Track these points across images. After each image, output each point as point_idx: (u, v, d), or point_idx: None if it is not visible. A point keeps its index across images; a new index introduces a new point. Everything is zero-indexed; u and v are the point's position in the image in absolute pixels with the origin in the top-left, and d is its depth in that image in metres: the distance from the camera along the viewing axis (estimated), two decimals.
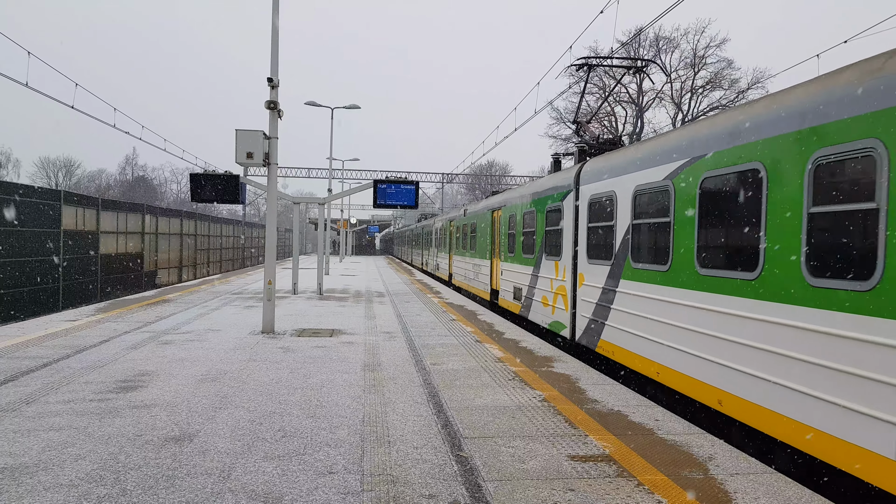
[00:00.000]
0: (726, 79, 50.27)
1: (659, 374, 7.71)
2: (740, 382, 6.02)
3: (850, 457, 4.71)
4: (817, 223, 5.25)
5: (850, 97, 5.03)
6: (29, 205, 17.91)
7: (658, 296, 7.82)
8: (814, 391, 5.10)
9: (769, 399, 5.61)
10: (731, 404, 6.14)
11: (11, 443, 5.19)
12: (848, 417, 4.75)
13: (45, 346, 9.64)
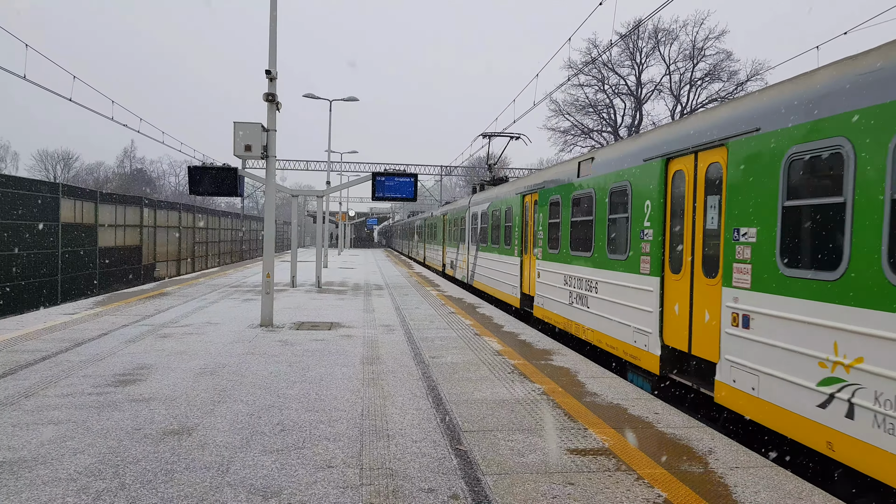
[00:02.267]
0: (725, 70, 50.14)
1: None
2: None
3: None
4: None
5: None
6: (27, 198, 17.86)
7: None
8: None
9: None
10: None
11: (10, 437, 5.18)
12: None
13: (44, 339, 9.62)
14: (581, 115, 57.60)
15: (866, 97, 4.83)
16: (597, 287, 9.57)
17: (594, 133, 58.00)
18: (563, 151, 60.16)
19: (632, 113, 55.73)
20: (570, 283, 10.69)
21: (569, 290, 10.74)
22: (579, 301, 10.26)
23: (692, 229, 7.17)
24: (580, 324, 10.24)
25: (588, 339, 9.95)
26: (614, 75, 54.83)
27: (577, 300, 10.39)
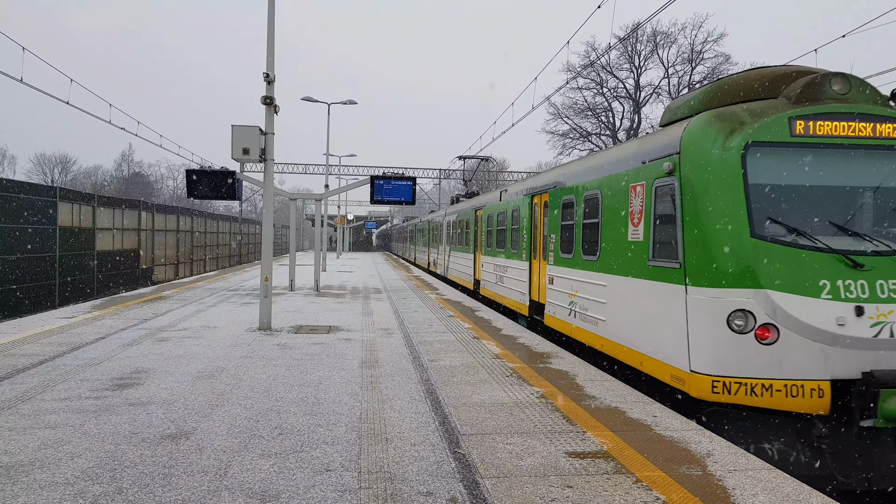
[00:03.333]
0: (724, 74, 50.23)
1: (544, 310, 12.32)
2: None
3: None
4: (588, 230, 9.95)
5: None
6: (25, 202, 17.84)
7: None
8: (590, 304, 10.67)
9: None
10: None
11: (7, 441, 5.17)
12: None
13: (41, 343, 9.60)
14: (580, 118, 57.68)
15: (581, 179, 10.29)
16: (506, 270, 15.28)
17: (593, 136, 58.10)
18: (561, 155, 60.20)
19: (630, 116, 55.83)
20: (497, 269, 16.42)
21: (496, 275, 16.48)
22: (499, 280, 16.10)
23: (537, 234, 12.73)
24: (497, 293, 16.32)
25: (499, 302, 16.16)
26: (613, 78, 54.94)
27: (498, 280, 16.21)
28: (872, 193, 6.77)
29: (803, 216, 6.55)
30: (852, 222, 6.64)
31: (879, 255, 6.36)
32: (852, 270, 6.28)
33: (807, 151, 6.69)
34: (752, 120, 6.74)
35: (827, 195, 6.72)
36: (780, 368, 6.19)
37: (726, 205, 6.56)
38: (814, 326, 6.13)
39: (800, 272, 6.29)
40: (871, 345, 6.11)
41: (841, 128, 6.69)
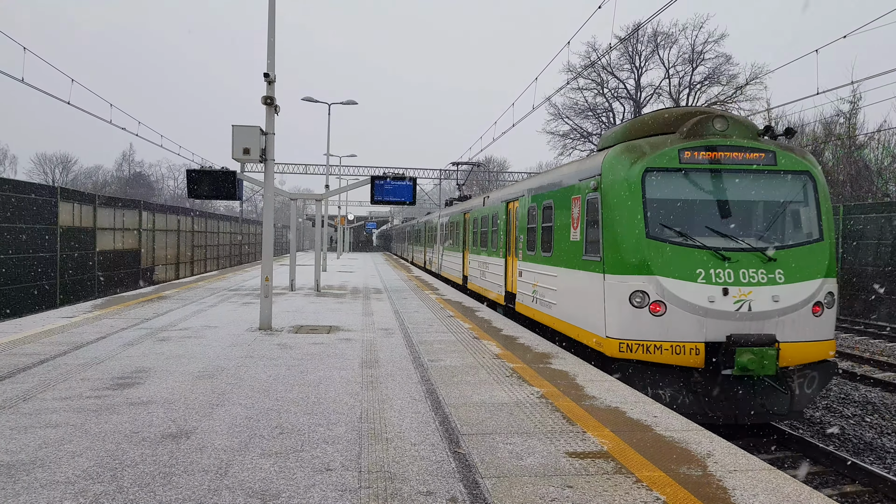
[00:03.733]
0: (724, 74, 50.25)
1: (511, 298, 14.76)
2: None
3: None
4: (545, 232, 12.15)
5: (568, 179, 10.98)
6: (26, 201, 17.85)
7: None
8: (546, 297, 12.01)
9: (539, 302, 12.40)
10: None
11: (8, 440, 5.18)
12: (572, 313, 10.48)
13: (42, 342, 9.61)
14: (580, 118, 57.67)
15: (541, 191, 12.46)
16: (488, 266, 17.44)
17: (593, 137, 58.10)
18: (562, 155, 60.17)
19: (631, 116, 55.82)
20: (481, 266, 18.51)
21: (480, 270, 18.58)
22: (482, 275, 18.17)
23: (511, 235, 14.82)
24: (481, 286, 18.38)
25: (483, 294, 18.16)
26: (613, 79, 54.94)
27: (482, 275, 18.31)
28: (739, 205, 8.92)
29: (686, 222, 8.67)
30: (723, 227, 8.67)
31: (742, 251, 8.44)
32: (721, 262, 8.35)
33: (691, 174, 8.83)
34: (651, 151, 8.88)
35: (705, 206, 8.84)
36: (668, 333, 8.30)
37: (630, 214, 8.69)
38: (692, 303, 8.25)
39: (682, 263, 8.38)
40: (733, 316, 8.20)
41: (718, 156, 8.84)
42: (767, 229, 8.89)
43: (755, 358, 7.97)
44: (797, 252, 8.65)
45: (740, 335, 8.13)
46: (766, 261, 8.43)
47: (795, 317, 8.34)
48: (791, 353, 8.27)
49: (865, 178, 32.63)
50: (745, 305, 8.22)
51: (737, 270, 8.33)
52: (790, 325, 8.32)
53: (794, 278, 8.44)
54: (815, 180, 9.05)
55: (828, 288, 8.62)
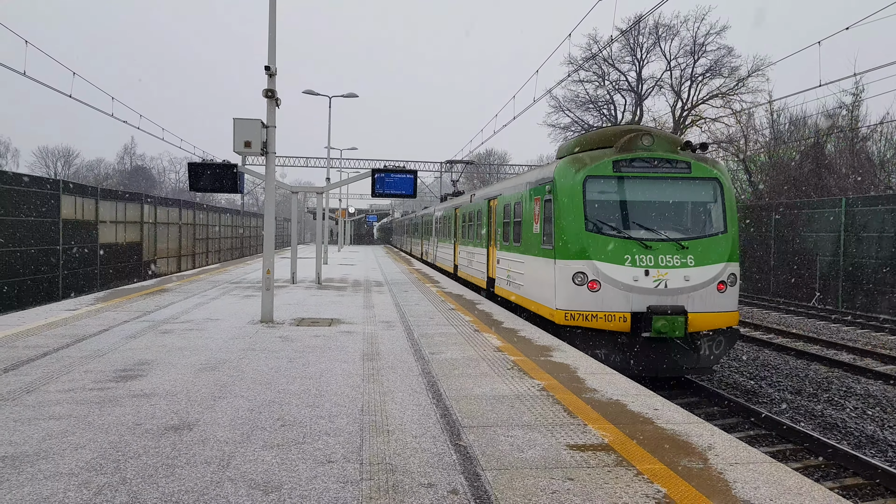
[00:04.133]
0: (726, 66, 50.03)
1: (492, 283, 16.85)
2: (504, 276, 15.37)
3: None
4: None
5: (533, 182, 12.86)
6: (28, 194, 17.86)
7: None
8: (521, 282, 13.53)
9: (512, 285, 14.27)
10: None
11: (12, 432, 5.20)
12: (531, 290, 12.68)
13: (45, 335, 9.64)
14: (581, 111, 57.52)
15: (513, 192, 14.53)
16: (473, 255, 19.36)
17: (594, 129, 57.94)
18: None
19: (632, 109, 55.69)
20: (468, 255, 20.48)
21: (468, 259, 20.53)
22: (470, 264, 20.18)
23: (491, 228, 16.67)
24: (469, 274, 20.32)
25: (470, 280, 20.25)
26: (615, 71, 54.76)
27: (469, 264, 20.32)
28: (660, 205, 11.06)
29: (617, 218, 10.85)
30: (646, 222, 10.82)
31: (661, 241, 10.59)
32: (644, 249, 10.49)
33: (622, 180, 10.96)
34: (591, 162, 11.02)
35: (632, 206, 10.96)
36: (602, 305, 10.45)
37: (574, 212, 10.82)
38: (620, 281, 10.40)
39: (613, 250, 10.51)
40: (652, 292, 10.38)
41: (643, 166, 10.95)
42: (682, 224, 11.08)
43: (667, 324, 10.17)
44: (705, 242, 10.79)
45: (657, 306, 10.32)
46: (680, 249, 10.59)
47: (703, 293, 10.52)
48: (698, 321, 10.41)
49: (868, 171, 32.55)
50: (662, 283, 10.44)
51: (656, 256, 10.52)
52: (698, 299, 10.49)
53: (702, 262, 10.59)
54: (722, 185, 11.12)
55: (730, 270, 10.75)
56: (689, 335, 10.52)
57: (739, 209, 30.06)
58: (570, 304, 10.63)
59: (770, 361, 14.13)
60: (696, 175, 11.10)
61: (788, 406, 10.79)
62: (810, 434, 8.83)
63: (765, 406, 10.71)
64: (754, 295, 27.21)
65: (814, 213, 24.69)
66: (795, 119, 39.03)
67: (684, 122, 52.95)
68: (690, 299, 10.46)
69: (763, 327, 18.42)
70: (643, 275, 10.40)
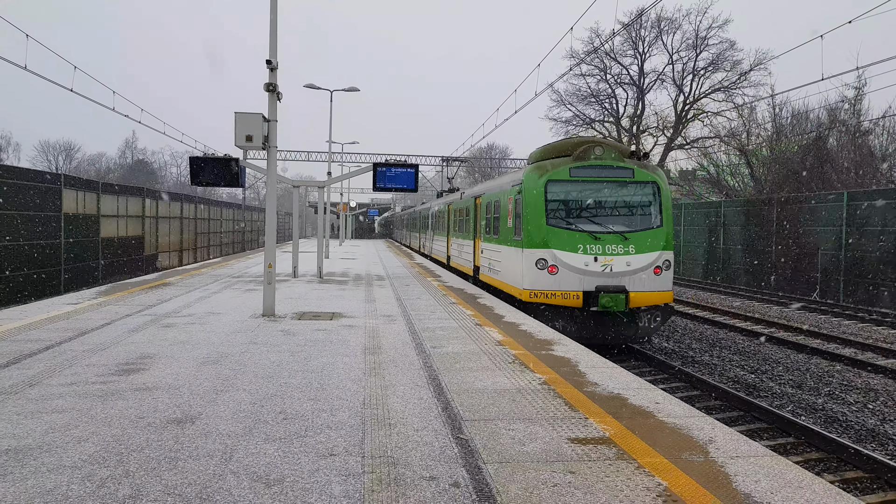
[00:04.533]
0: (728, 60, 49.87)
1: (477, 271, 18.78)
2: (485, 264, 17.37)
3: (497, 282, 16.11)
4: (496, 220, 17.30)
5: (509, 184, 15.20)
6: (30, 188, 17.86)
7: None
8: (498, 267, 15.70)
9: (493, 270, 16.35)
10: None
11: (15, 425, 5.22)
12: (502, 272, 15.28)
13: (48, 328, 9.66)
14: (583, 104, 57.39)
15: (494, 191, 16.91)
16: (463, 247, 21.48)
17: (596, 123, 57.84)
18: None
19: (634, 103, 55.57)
20: (459, 247, 22.64)
21: (459, 250, 22.72)
22: (460, 254, 22.40)
23: (477, 222, 18.53)
24: (460, 263, 22.46)
25: (461, 269, 22.17)
26: (616, 65, 54.61)
27: (460, 254, 22.37)
28: (607, 204, 13.34)
29: (572, 215, 13.17)
30: (596, 218, 13.11)
31: (608, 233, 12.82)
32: (594, 240, 12.67)
33: (576, 184, 13.24)
34: (552, 169, 13.27)
35: (585, 205, 13.27)
36: (559, 286, 12.61)
37: (537, 210, 13.01)
38: (574, 266, 12.56)
39: (568, 241, 12.70)
40: (600, 275, 12.53)
41: (594, 172, 13.16)
42: (625, 219, 13.23)
43: (611, 300, 12.35)
44: (644, 234, 12.94)
45: (604, 286, 12.51)
46: (623, 240, 12.78)
47: (641, 276, 12.67)
48: (638, 299, 12.60)
49: (870, 165, 32.48)
50: (608, 268, 12.62)
51: (603, 246, 12.69)
52: (637, 281, 12.64)
53: (641, 251, 12.74)
54: (659, 187, 13.31)
55: (665, 257, 12.91)
56: (630, 310, 12.78)
57: (741, 203, 30.05)
58: (533, 284, 12.87)
59: (771, 356, 14.14)
60: (638, 179, 13.27)
61: (789, 400, 10.81)
62: (811, 428, 8.85)
63: (765, 400, 10.73)
64: (755, 289, 27.20)
65: (815, 207, 24.65)
66: (797, 113, 38.93)
67: (686, 116, 52.84)
68: (631, 281, 12.65)
69: (764, 321, 18.43)
70: (593, 261, 12.62)
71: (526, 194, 13.32)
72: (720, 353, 14.50)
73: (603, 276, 12.54)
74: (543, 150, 14.64)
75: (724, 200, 33.88)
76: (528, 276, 12.89)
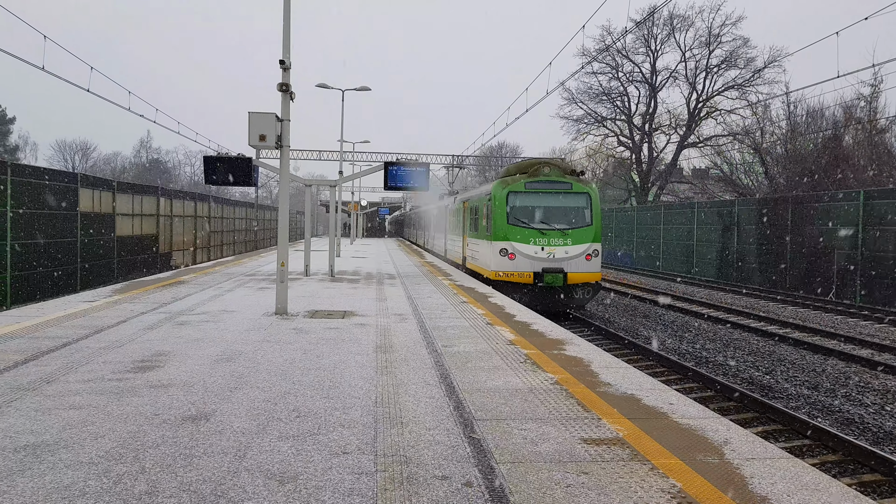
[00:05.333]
0: (742, 57, 49.52)
1: (466, 262, 22.85)
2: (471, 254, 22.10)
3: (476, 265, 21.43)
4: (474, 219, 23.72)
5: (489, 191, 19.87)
6: (48, 187, 18.04)
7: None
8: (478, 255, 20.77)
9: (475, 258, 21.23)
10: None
11: (33, 421, 5.28)
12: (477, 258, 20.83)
13: (65, 326, 9.76)
14: (594, 103, 57.18)
15: (475, 197, 22.06)
16: (455, 241, 25.64)
17: (608, 121, 57.60)
18: (575, 140, 59.76)
19: (646, 101, 55.28)
20: (452, 242, 26.94)
21: (452, 245, 27.26)
22: (453, 248, 26.66)
23: (465, 222, 22.99)
24: (452, 256, 26.77)
25: (453, 260, 26.36)
26: (629, 63, 54.36)
27: (453, 248, 26.71)
28: (552, 209, 17.71)
29: (526, 216, 17.58)
30: (543, 219, 17.56)
31: (552, 230, 17.38)
32: (541, 235, 17.27)
33: (530, 194, 17.70)
34: (512, 182, 17.87)
35: (536, 209, 17.64)
36: (516, 268, 17.17)
37: (501, 213, 17.55)
38: (527, 254, 17.18)
39: (523, 235, 17.29)
40: (545, 260, 17.19)
41: (543, 185, 17.73)
42: (564, 220, 17.81)
43: (553, 278, 17.10)
44: (578, 231, 17.62)
45: (548, 268, 17.26)
46: (563, 234, 17.48)
47: (576, 261, 17.39)
48: (573, 278, 17.31)
49: (887, 163, 32.14)
50: (551, 255, 17.34)
51: (548, 239, 17.43)
52: (573, 264, 17.36)
53: (576, 243, 17.47)
54: (591, 196, 17.96)
55: (594, 247, 17.59)
56: (568, 286, 17.43)
57: (755, 202, 29.81)
58: (498, 267, 17.71)
59: (786, 356, 14.04)
60: (575, 190, 17.96)
61: (805, 401, 10.73)
62: (827, 430, 8.78)
63: (780, 401, 10.66)
64: (769, 289, 27.01)
65: (831, 205, 24.43)
66: (813, 111, 38.60)
67: (699, 114, 52.50)
68: (568, 264, 17.39)
69: (778, 321, 18.29)
70: (540, 250, 17.43)
71: (494, 201, 18.04)
72: (734, 353, 14.41)
73: (548, 261, 17.39)
74: (508, 169, 20.39)
75: (737, 199, 33.65)
76: (494, 261, 17.77)
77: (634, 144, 55.92)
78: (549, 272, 17.12)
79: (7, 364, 7.22)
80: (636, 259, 41.09)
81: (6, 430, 5.06)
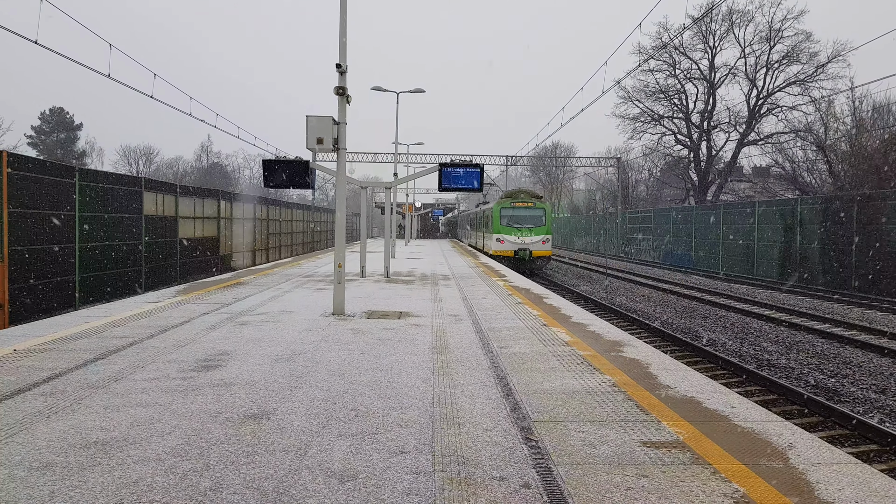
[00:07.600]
0: (804, 52, 47.88)
1: (485, 247, 38.28)
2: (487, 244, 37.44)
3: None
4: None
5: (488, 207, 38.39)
6: (114, 192, 18.77)
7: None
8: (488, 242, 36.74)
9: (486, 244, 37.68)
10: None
11: (102, 418, 5.50)
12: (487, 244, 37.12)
13: (131, 326, 10.13)
14: (651, 101, 56.18)
15: (488, 208, 39.53)
16: (483, 236, 39.72)
17: (665, 119, 56.48)
18: (632, 139, 58.85)
19: (704, 98, 54.00)
20: (485, 238, 38.65)
21: (484, 240, 38.83)
22: (486, 242, 37.85)
23: (487, 223, 38.89)
24: (484, 248, 38.22)
25: (485, 250, 38.36)
26: (686, 59, 53.21)
27: (486, 242, 37.49)
28: (524, 217, 33.60)
29: (511, 221, 33.45)
30: (520, 223, 33.34)
31: (524, 228, 33.24)
32: (518, 230, 33.03)
33: (512, 209, 33.72)
34: (503, 202, 34.53)
35: (514, 217, 33.52)
36: (504, 248, 32.91)
37: (497, 219, 33.62)
38: (511, 240, 32.86)
39: (508, 231, 33.26)
40: (520, 243, 32.83)
41: (519, 205, 34.00)
42: (530, 223, 32.92)
43: (524, 253, 32.28)
44: (538, 228, 32.83)
45: (521, 248, 32.36)
46: (529, 230, 32.71)
47: (537, 244, 32.49)
48: (535, 254, 32.42)
49: None
50: (523, 241, 32.47)
51: (521, 232, 32.64)
52: (535, 246, 32.44)
53: (537, 235, 32.68)
54: (545, 210, 33.69)
55: (546, 237, 32.84)
56: (532, 258, 32.18)
57: (819, 200, 28.78)
58: (495, 248, 32.78)
59: (852, 359, 13.50)
60: (537, 207, 33.36)
61: (872, 405, 10.30)
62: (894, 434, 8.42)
63: (847, 405, 10.27)
64: (836, 290, 26.01)
65: None
66: (879, 106, 37.04)
67: (759, 111, 51.00)
68: (532, 246, 32.19)
69: (844, 324, 17.61)
70: (517, 238, 32.27)
71: (493, 213, 33.54)
72: (797, 356, 13.95)
73: (521, 244, 32.14)
74: (503, 195, 36.50)
75: (799, 197, 32.54)
76: (492, 245, 33.10)
77: (692, 142, 54.69)
78: (521, 250, 32.17)
79: (77, 362, 7.54)
80: (696, 259, 40.15)
81: (77, 426, 5.29)
